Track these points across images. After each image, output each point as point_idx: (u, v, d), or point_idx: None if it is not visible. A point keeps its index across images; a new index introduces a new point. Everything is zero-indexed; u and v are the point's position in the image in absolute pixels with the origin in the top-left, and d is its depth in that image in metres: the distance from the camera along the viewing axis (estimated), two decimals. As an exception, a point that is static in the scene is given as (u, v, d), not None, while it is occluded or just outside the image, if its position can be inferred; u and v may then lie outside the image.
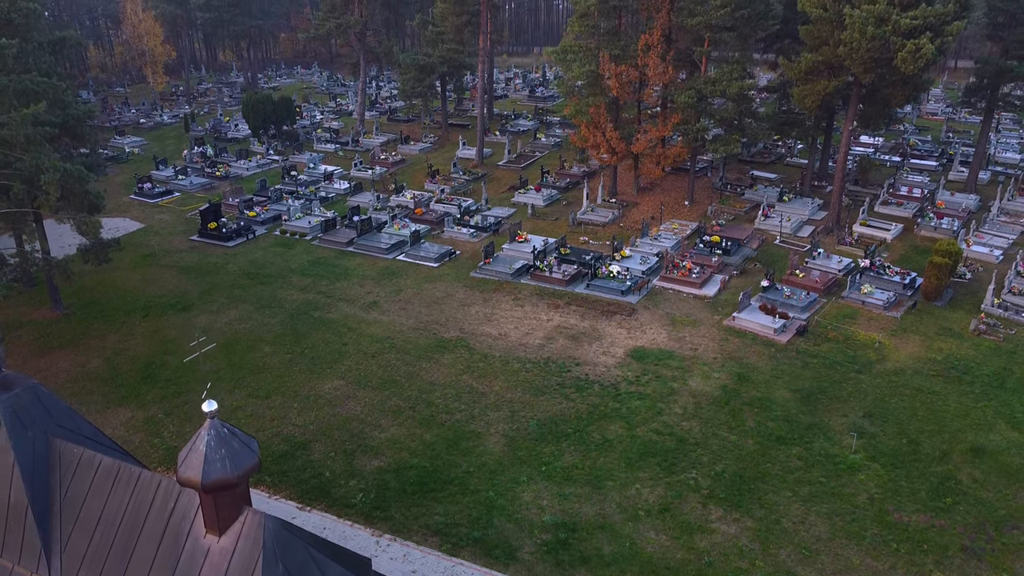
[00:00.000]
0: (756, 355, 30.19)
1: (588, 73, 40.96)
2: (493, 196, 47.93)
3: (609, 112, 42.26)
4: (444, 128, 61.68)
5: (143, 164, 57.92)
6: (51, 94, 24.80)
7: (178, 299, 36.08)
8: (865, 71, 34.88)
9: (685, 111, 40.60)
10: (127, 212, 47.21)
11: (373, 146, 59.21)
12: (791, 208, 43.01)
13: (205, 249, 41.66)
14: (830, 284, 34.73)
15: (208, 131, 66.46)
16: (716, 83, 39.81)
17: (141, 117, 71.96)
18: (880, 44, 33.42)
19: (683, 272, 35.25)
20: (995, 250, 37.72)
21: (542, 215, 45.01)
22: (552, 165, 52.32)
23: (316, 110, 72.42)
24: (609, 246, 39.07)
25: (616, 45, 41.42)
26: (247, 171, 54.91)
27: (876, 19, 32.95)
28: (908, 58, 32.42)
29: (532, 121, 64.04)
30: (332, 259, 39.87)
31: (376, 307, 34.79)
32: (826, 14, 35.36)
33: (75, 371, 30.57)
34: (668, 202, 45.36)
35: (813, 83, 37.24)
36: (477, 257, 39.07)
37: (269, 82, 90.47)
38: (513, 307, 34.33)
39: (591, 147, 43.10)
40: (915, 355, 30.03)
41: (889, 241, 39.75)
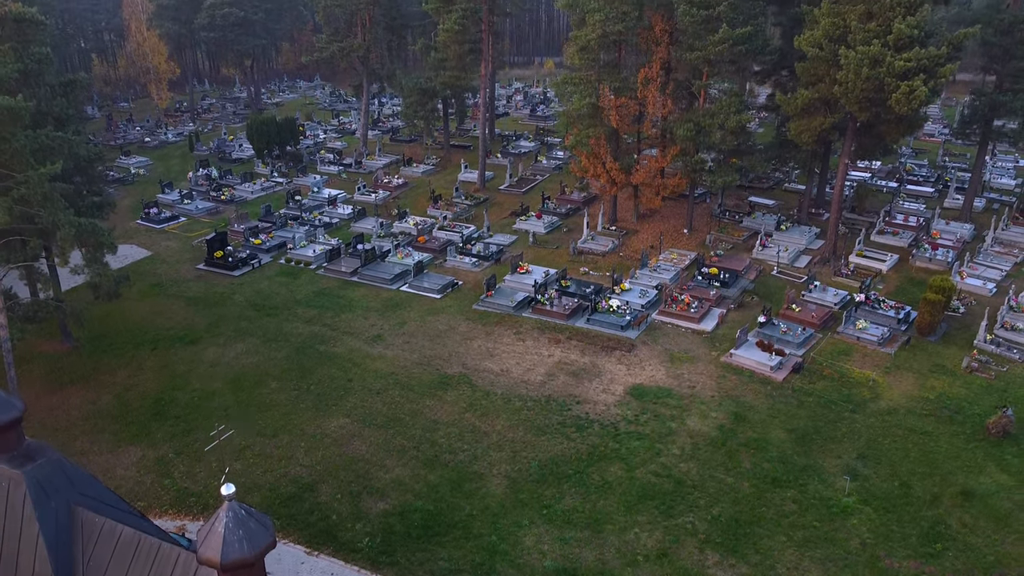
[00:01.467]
0: (753, 393, 30.85)
1: (588, 105, 41.62)
2: (495, 222, 48.59)
3: (609, 143, 42.94)
4: (446, 149, 62.37)
5: (149, 186, 58.58)
6: (65, 148, 25.50)
7: (186, 331, 36.76)
8: (861, 109, 35.56)
9: (684, 143, 41.25)
10: (134, 238, 47.87)
11: (376, 168, 59.92)
12: (788, 237, 43.66)
13: (211, 279, 42.33)
14: (826, 319, 35.39)
15: (212, 150, 67.14)
16: (714, 116, 40.47)
17: (146, 135, 72.60)
18: (875, 84, 34.10)
19: (681, 307, 35.92)
20: (988, 283, 38.37)
21: (543, 243, 45.68)
22: (553, 190, 52.99)
23: (319, 128, 73.09)
24: (609, 278, 39.72)
25: (616, 77, 42.10)
26: (252, 194, 55.58)
27: (871, 60, 33.63)
28: (902, 99, 33.10)
29: (533, 142, 64.73)
30: (337, 290, 40.54)
31: (380, 341, 35.46)
32: (822, 53, 36.04)
33: (86, 408, 31.25)
34: (667, 230, 46.03)
35: (809, 119, 37.92)
36: (479, 288, 39.76)
37: (272, 97, 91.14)
38: (515, 341, 35.00)
39: (591, 177, 43.78)
40: (908, 393, 30.69)
41: (884, 272, 40.40)
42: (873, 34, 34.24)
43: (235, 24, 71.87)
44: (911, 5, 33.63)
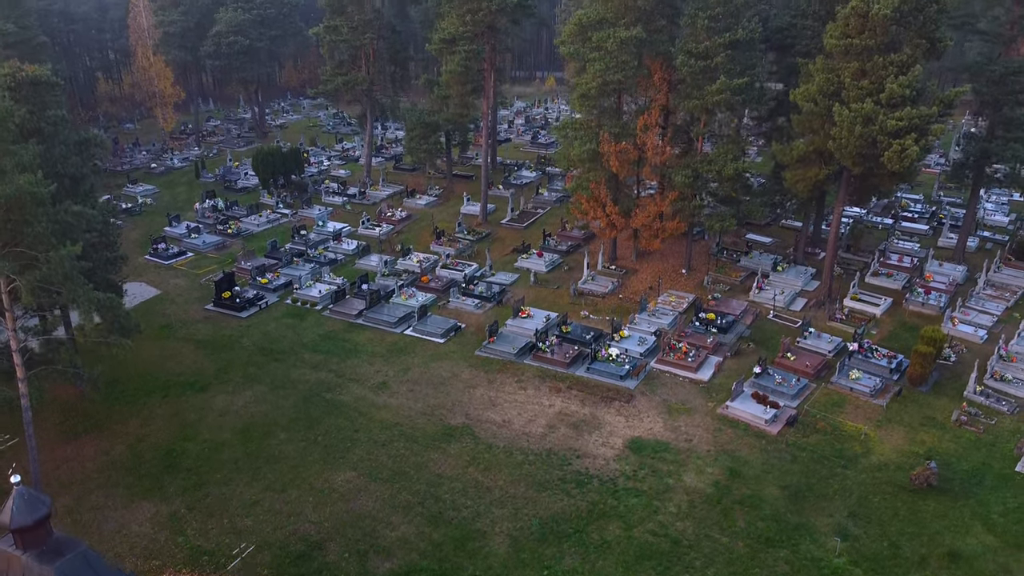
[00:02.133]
0: (748, 447, 31.73)
1: (589, 151, 42.53)
2: (496, 259, 49.50)
3: (608, 186, 43.84)
4: (448, 179, 63.29)
5: (156, 217, 59.53)
6: (85, 223, 26.44)
7: (195, 377, 37.69)
8: (855, 164, 36.47)
9: (682, 188, 42.14)
10: (143, 275, 48.77)
11: (380, 199, 60.90)
12: (785, 279, 44.56)
13: (220, 320, 43.24)
14: (820, 368, 36.28)
15: (218, 177, 68.08)
16: (712, 163, 41.38)
17: (152, 161, 73.56)
18: (868, 141, 34.99)
19: (679, 355, 36.82)
20: (979, 330, 39.24)
21: (544, 282, 46.58)
22: (554, 225, 53.90)
23: (323, 154, 74.04)
24: (609, 323, 40.63)
25: (616, 123, 42.99)
26: (258, 227, 56.53)
27: (864, 118, 34.53)
28: (894, 157, 34.00)
29: (534, 172, 65.65)
30: (342, 333, 41.43)
31: (385, 388, 36.37)
32: (816, 108, 36.95)
33: (100, 459, 32.17)
34: (666, 269, 46.93)
35: (805, 169, 38.83)
36: (482, 331, 40.66)
37: (276, 118, 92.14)
38: (516, 390, 35.90)
39: (591, 219, 44.67)
40: (899, 448, 31.57)
41: (878, 316, 41.28)
42: (866, 91, 35.14)
43: (240, 52, 72.79)
44: (903, 65, 34.51)
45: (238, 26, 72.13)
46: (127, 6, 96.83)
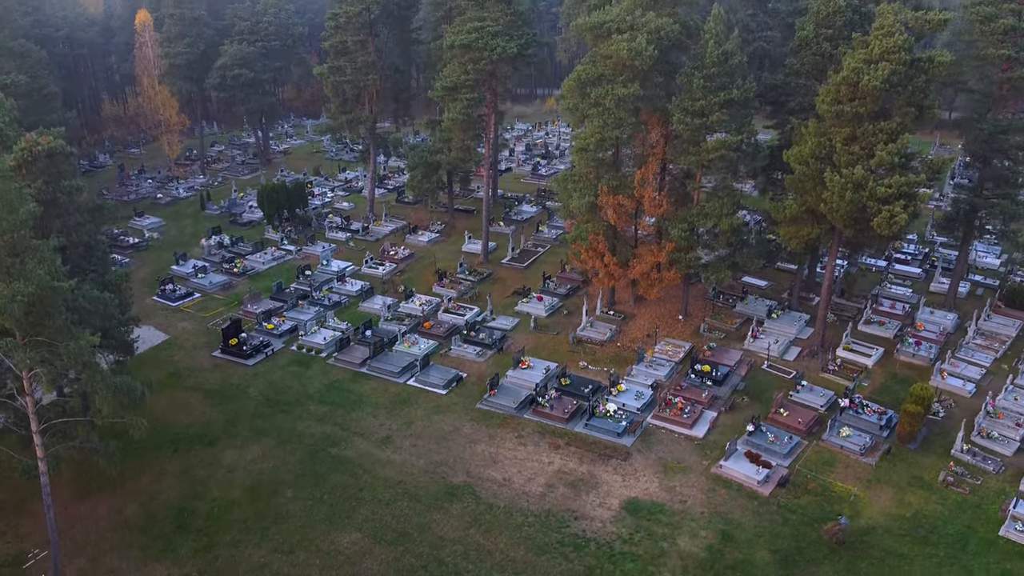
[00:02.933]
0: (740, 509, 32.75)
1: (587, 203, 43.54)
2: (497, 302, 50.51)
3: (607, 237, 44.84)
4: (450, 214, 64.33)
5: (163, 252, 60.60)
6: (101, 309, 27.48)
7: (204, 431, 38.74)
8: (846, 225, 37.49)
9: (679, 241, 43.12)
10: (151, 318, 49.72)
11: (383, 234, 61.99)
12: (779, 326, 45.57)
13: (227, 368, 44.27)
14: (811, 424, 37.29)
15: (223, 209, 69.09)
16: (708, 216, 42.38)
17: (158, 191, 74.59)
18: (859, 205, 36.00)
19: (675, 411, 37.86)
20: (968, 383, 40.23)
21: (543, 327, 47.61)
22: (553, 265, 54.95)
23: (326, 184, 75.11)
24: (607, 374, 41.67)
25: (614, 176, 43.99)
26: (263, 264, 57.58)
27: (854, 184, 35.55)
28: (884, 223, 35.01)
29: (535, 207, 66.68)
30: (347, 383, 42.46)
31: (389, 443, 37.41)
32: (808, 170, 37.97)
33: (113, 518, 33.25)
34: (663, 314, 47.94)
35: (798, 228, 39.84)
36: (483, 381, 41.71)
37: (280, 143, 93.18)
38: (516, 446, 36.94)
39: (590, 269, 45.69)
40: (887, 510, 32.58)
41: (870, 367, 42.28)
42: (857, 157, 36.17)
43: (245, 84, 73.81)
44: (892, 132, 35.53)
45: (243, 59, 73.15)
46: (132, 30, 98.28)
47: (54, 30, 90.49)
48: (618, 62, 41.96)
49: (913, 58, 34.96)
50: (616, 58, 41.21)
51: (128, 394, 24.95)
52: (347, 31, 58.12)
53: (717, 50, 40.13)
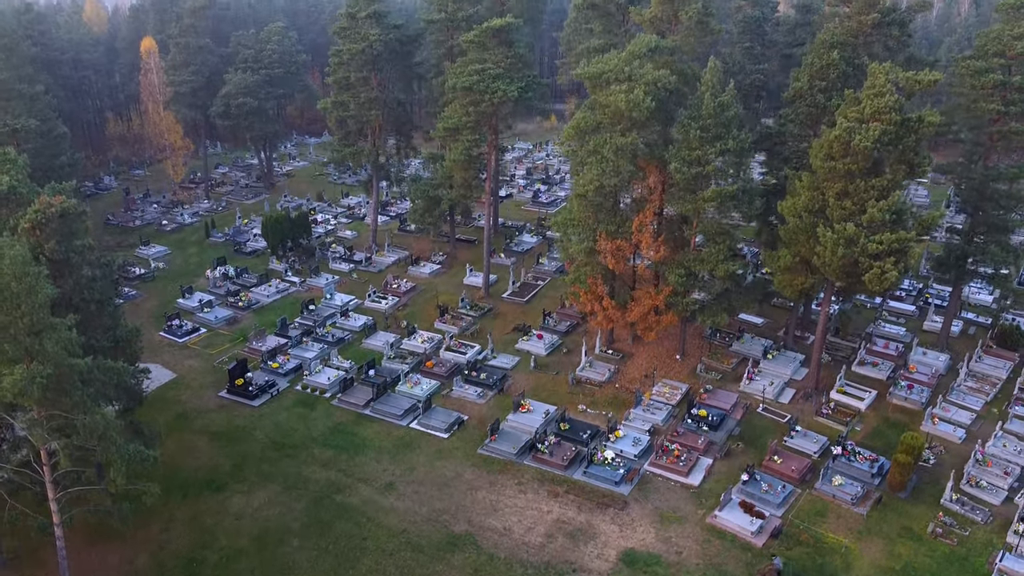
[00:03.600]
0: (734, 561, 33.65)
1: (586, 249, 44.45)
2: (498, 338, 51.44)
3: (605, 280, 45.74)
4: (452, 244, 65.26)
5: (169, 283, 61.53)
6: (116, 378, 28.42)
7: (212, 475, 39.68)
8: (838, 278, 38.38)
9: (676, 285, 44.01)
10: (158, 355, 50.66)
11: (385, 266, 63.01)
12: (774, 367, 46.47)
13: (233, 408, 45.19)
14: (804, 472, 38.18)
15: (228, 237, 70.02)
16: (704, 262, 43.27)
17: (163, 218, 75.54)
18: (851, 260, 36.89)
19: (671, 459, 38.76)
20: (958, 429, 41.11)
21: (543, 366, 48.53)
22: (553, 300, 55.88)
23: (329, 211, 76.09)
24: (605, 417, 42.62)
25: (612, 221, 44.88)
26: (267, 298, 58.53)
27: (846, 240, 36.44)
28: (874, 279, 35.91)
29: (535, 237, 67.62)
30: (351, 425, 43.37)
31: (392, 490, 38.33)
32: (802, 223, 38.87)
33: (124, 568, 34.24)
34: (660, 353, 48.85)
35: (792, 277, 40.74)
36: (484, 424, 42.63)
37: (283, 164, 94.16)
38: (516, 493, 37.85)
39: (588, 312, 46.58)
40: (876, 563, 33.46)
41: (863, 411, 43.17)
42: (849, 212, 37.06)
43: (249, 113, 74.76)
44: (884, 189, 36.42)
45: (247, 88, 74.06)
46: (137, 51, 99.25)
47: (60, 53, 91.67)
48: (616, 111, 42.83)
49: (903, 118, 35.84)
50: (614, 108, 42.09)
51: (141, 463, 25.87)
52: (350, 67, 59.04)
53: (714, 102, 41.03)
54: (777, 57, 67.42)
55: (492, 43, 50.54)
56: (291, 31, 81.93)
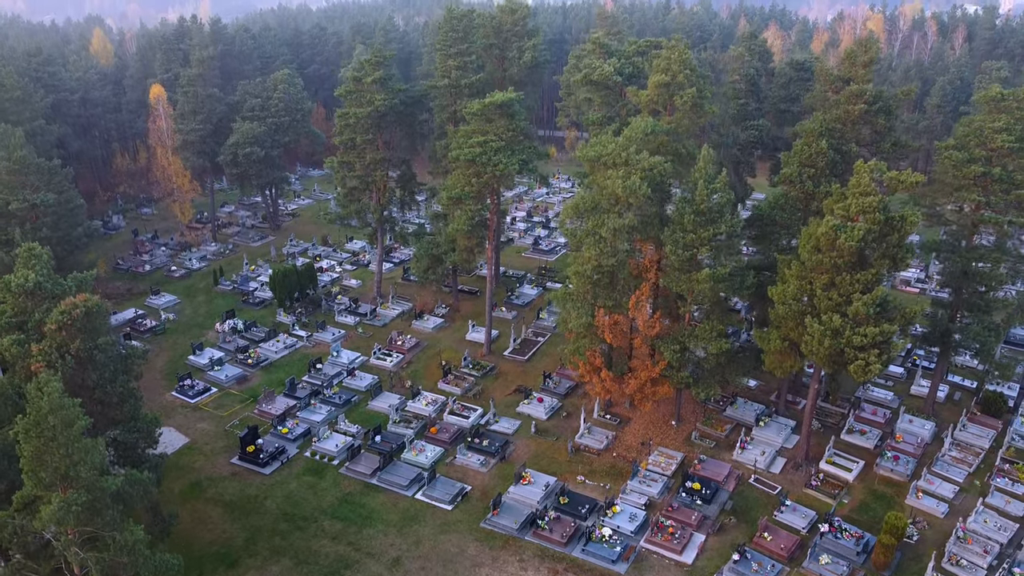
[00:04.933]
0: (725, 644, 35.43)
1: (584, 324, 46.21)
2: (499, 400, 53.24)
3: (603, 352, 47.49)
4: (455, 296, 67.04)
5: (179, 337, 63.35)
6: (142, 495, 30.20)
7: (226, 549, 41.42)
8: (825, 365, 40.15)
9: (671, 360, 45.77)
10: (171, 417, 52.41)
11: (390, 318, 64.83)
12: (766, 434, 48.26)
13: (245, 476, 46.94)
14: (793, 550, 39.93)
15: (236, 285, 71.79)
16: (698, 338, 45.04)
17: (171, 264, 77.29)
18: (837, 350, 38.66)
19: (666, 536, 40.53)
20: (941, 503, 42.88)
21: (544, 431, 50.33)
22: (553, 358, 57.70)
23: (334, 256, 77.90)
24: (603, 489, 44.40)
25: (609, 296, 46.65)
26: (276, 354, 60.31)
27: (832, 332, 38.22)
28: (859, 371, 37.68)
29: (536, 288, 69.41)
30: (358, 496, 45.11)
31: (399, 566, 40.09)
32: (790, 310, 40.64)
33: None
34: (656, 419, 50.63)
35: (782, 359, 42.51)
36: (487, 495, 44.41)
37: (289, 202, 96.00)
38: (518, 571, 39.57)
39: (587, 383, 48.34)
40: (860, 647, 35.25)
41: (851, 482, 44.93)
42: (835, 303, 38.83)
43: (257, 161, 76.55)
44: (868, 283, 38.19)
45: (254, 137, 75.83)
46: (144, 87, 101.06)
47: (69, 94, 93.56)
48: (613, 193, 44.65)
49: (887, 216, 37.61)
50: (611, 191, 43.89)
51: (167, 571, 27.64)
52: (356, 130, 60.79)
53: (707, 189, 42.80)
54: (773, 112, 69.47)
55: (494, 115, 52.28)
56: (296, 78, 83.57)
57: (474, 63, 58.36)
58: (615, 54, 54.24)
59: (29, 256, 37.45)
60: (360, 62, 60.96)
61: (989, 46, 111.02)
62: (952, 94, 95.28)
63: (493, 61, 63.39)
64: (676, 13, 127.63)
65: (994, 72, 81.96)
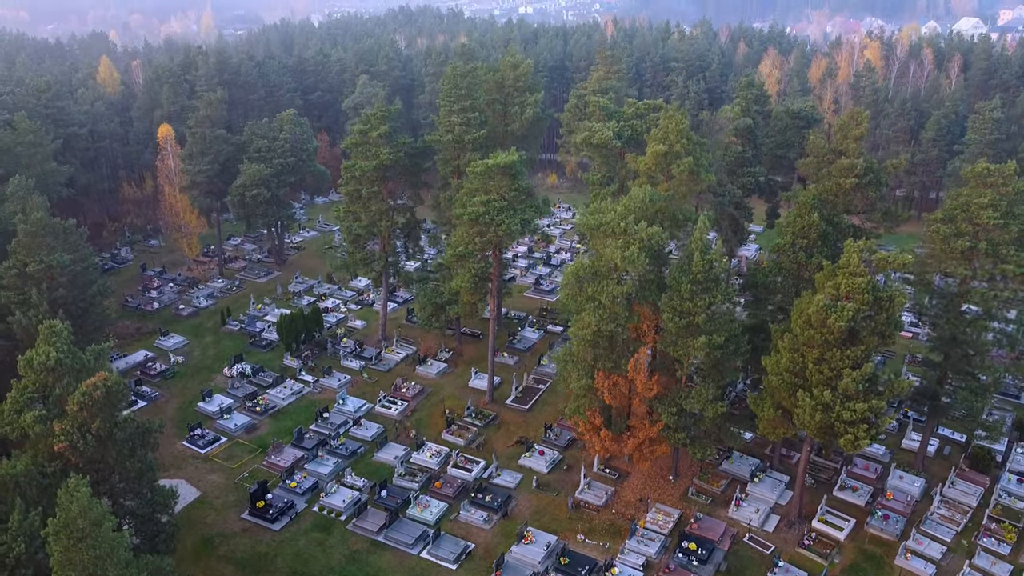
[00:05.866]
0: None
1: (585, 386, 47.70)
2: (502, 451, 54.74)
3: (602, 412, 48.97)
4: (458, 340, 68.52)
5: (189, 381, 64.91)
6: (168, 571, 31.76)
7: (238, 611, 42.95)
8: (817, 436, 41.63)
9: (668, 421, 47.23)
10: (182, 469, 53.92)
11: (395, 363, 66.38)
12: (761, 491, 49.77)
13: (256, 532, 48.40)
14: (786, 614, 41.46)
15: (243, 326, 73.27)
16: (695, 401, 46.49)
17: (179, 302, 78.79)
18: (828, 422, 40.14)
19: (663, 601, 42.04)
20: (929, 565, 44.33)
21: (545, 485, 51.82)
22: (554, 407, 59.19)
23: (340, 294, 79.43)
24: (602, 549, 45.89)
25: (609, 359, 48.12)
26: (283, 400, 61.81)
27: (823, 406, 39.70)
28: (848, 444, 39.17)
29: (537, 332, 70.91)
30: (365, 554, 46.56)
31: (405, 629, 41.60)
32: (783, 382, 42.12)
33: None
34: (654, 474, 52.12)
35: (775, 427, 43.99)
36: (490, 553, 45.91)
37: (294, 234, 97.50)
38: (520, 634, 41.12)
39: (587, 443, 49.82)
40: None
41: (842, 541, 46.40)
42: (826, 377, 40.31)
43: (265, 202, 78.08)
44: (857, 360, 39.66)
45: (261, 180, 77.34)
46: (151, 120, 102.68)
47: (78, 128, 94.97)
48: (612, 261, 46.14)
49: (875, 296, 39.10)
50: (611, 258, 45.38)
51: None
52: (362, 182, 62.32)
53: (702, 260, 44.28)
54: (769, 159, 71.02)
55: (497, 175, 53.77)
56: (302, 117, 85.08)
57: (477, 119, 59.84)
58: (614, 116, 55.73)
59: (50, 333, 38.96)
60: (366, 115, 62.47)
61: (985, 76, 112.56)
62: (947, 128, 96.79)
63: (496, 116, 64.92)
64: (676, 39, 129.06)
65: (987, 113, 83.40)
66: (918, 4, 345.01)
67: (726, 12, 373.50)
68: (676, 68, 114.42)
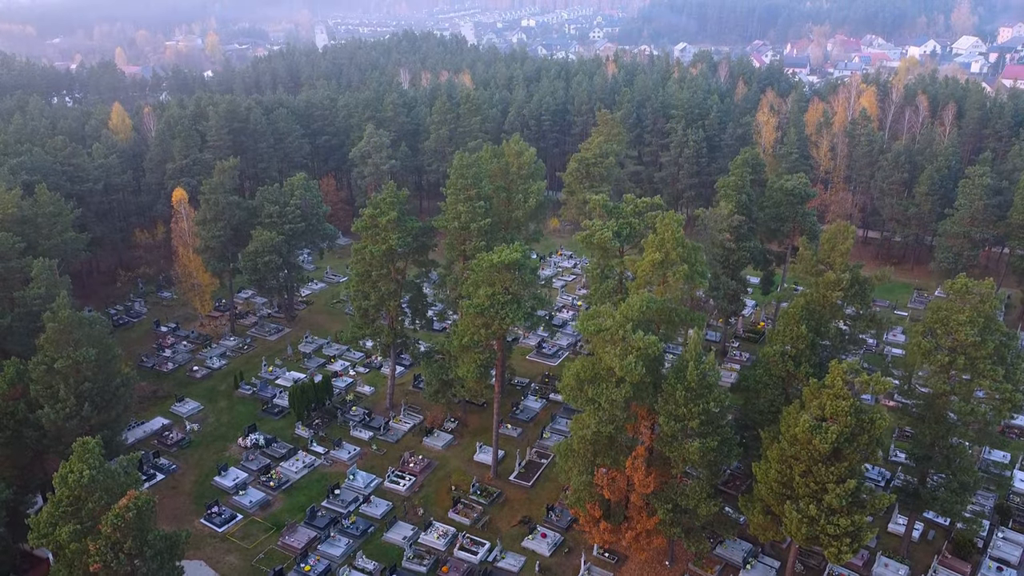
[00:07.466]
0: None
1: (585, 482, 50.21)
2: (505, 532, 57.29)
3: (602, 504, 51.50)
4: (463, 410, 71.09)
5: (205, 452, 67.52)
6: None
7: None
8: (804, 545, 44.13)
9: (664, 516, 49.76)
10: (200, 548, 56.50)
11: (402, 433, 68.97)
12: (753, 579, 52.35)
13: (272, 621, 51.08)
14: None
15: (256, 390, 75.87)
16: (689, 498, 49.02)
17: (192, 363, 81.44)
18: (814, 535, 42.64)
19: None
20: (910, 662, 46.91)
21: (547, 569, 54.36)
22: (555, 483, 61.70)
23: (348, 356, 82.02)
24: (601, 641, 48.49)
25: (608, 455, 50.64)
26: (296, 474, 64.40)
27: (809, 519, 42.22)
28: (833, 556, 41.68)
29: (540, 400, 73.47)
30: (377, 644, 49.23)
31: None
32: (772, 492, 44.61)
33: None
34: (651, 558, 54.64)
35: (765, 527, 46.49)
36: (494, 644, 48.47)
37: (303, 285, 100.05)
38: None
39: (587, 532, 52.34)
40: None
41: (829, 633, 48.98)
42: (812, 490, 42.81)
43: (275, 267, 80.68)
44: (842, 476, 42.16)
45: (273, 247, 79.95)
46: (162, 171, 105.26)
47: (93, 184, 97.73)
48: (610, 367, 48.64)
49: (859, 419, 41.59)
50: (609, 364, 47.90)
51: None
52: (371, 264, 64.89)
53: (696, 370, 46.80)
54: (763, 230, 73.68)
55: (501, 269, 56.27)
56: (313, 181, 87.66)
57: (483, 208, 62.40)
58: (613, 213, 58.27)
59: (83, 451, 41.55)
60: (375, 199, 65.04)
61: (978, 126, 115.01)
62: (940, 183, 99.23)
63: (500, 203, 67.49)
64: (675, 86, 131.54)
65: (977, 179, 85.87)
66: (918, 22, 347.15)
67: (728, 28, 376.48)
68: (675, 116, 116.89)
